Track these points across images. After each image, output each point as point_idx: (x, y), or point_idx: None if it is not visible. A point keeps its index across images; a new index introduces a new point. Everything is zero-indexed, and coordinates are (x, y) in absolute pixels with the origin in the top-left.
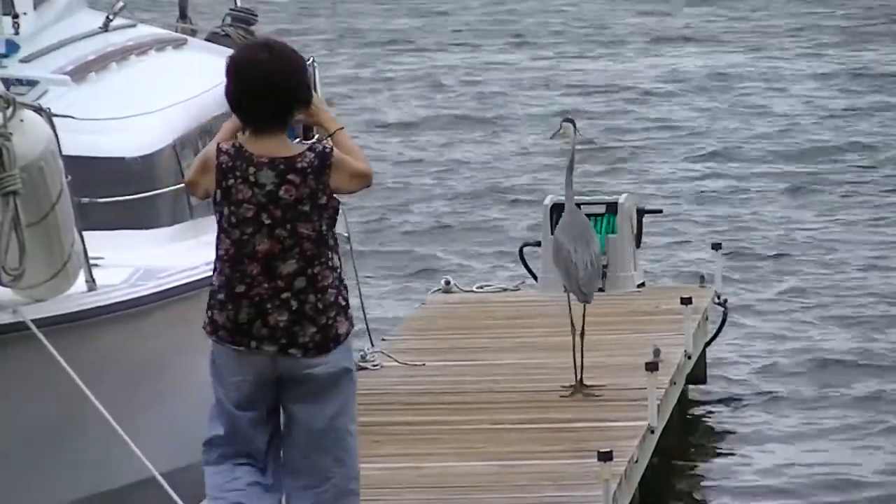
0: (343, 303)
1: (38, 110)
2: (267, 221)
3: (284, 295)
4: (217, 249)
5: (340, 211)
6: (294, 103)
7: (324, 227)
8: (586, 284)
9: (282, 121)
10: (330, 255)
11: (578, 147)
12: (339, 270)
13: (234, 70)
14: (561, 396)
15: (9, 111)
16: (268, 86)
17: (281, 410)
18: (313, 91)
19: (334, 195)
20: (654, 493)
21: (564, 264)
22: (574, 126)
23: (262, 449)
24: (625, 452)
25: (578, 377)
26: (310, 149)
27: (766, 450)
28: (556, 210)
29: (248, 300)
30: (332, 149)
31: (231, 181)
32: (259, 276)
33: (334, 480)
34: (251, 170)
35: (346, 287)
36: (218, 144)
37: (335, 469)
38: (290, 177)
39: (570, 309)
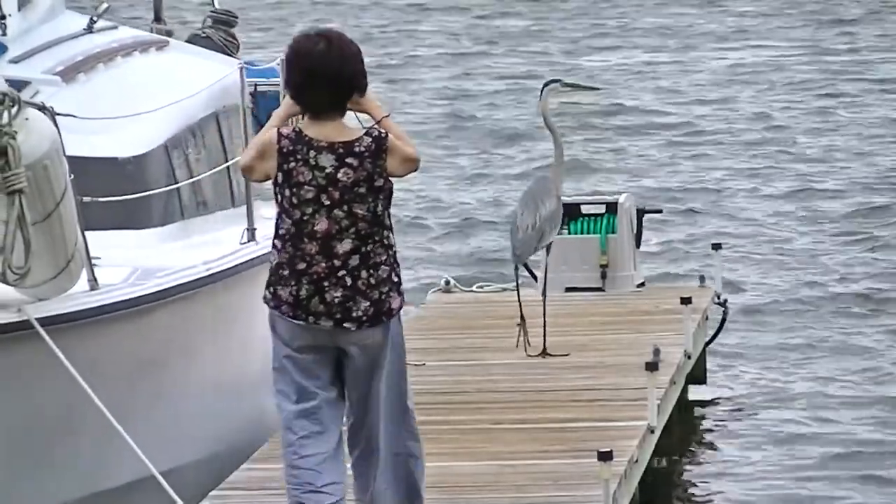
0: (396, 279)
1: (42, 109)
2: (326, 202)
3: (340, 273)
4: (278, 229)
5: None
6: (351, 90)
7: (379, 208)
8: (520, 247)
9: (339, 106)
10: (385, 234)
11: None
12: (393, 249)
13: (295, 59)
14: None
15: (14, 109)
16: (327, 73)
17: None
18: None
19: (389, 178)
20: (654, 493)
21: (510, 225)
22: (562, 84)
23: (329, 415)
24: (625, 452)
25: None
26: (367, 133)
27: (765, 450)
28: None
29: (308, 277)
30: (387, 133)
31: (292, 164)
32: (317, 254)
33: (381, 447)
34: (312, 153)
35: (398, 264)
36: (278, 129)
37: (382, 436)
38: (348, 160)
39: (516, 278)
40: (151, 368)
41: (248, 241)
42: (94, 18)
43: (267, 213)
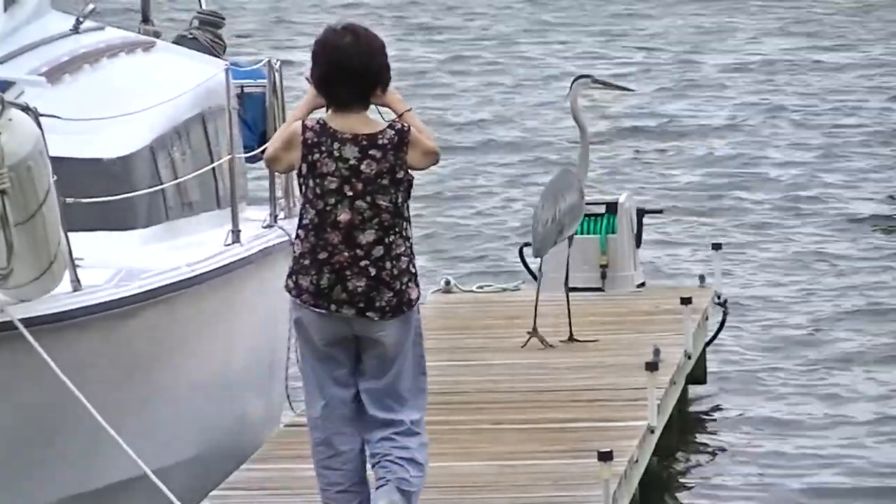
0: (413, 270)
1: (26, 109)
2: (349, 193)
3: (363, 263)
4: (301, 219)
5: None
6: (376, 83)
7: (399, 200)
8: (540, 240)
9: (364, 99)
10: (404, 226)
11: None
12: (410, 240)
13: (321, 52)
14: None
15: None
16: (354, 67)
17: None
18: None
19: (409, 170)
20: (654, 493)
21: (532, 219)
22: (593, 80)
23: (351, 413)
24: (625, 452)
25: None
26: (389, 126)
27: (766, 450)
28: None
29: (330, 266)
30: (409, 127)
31: (316, 155)
32: (340, 244)
33: (389, 433)
34: (336, 145)
35: (415, 256)
36: (303, 121)
37: (392, 421)
38: (371, 152)
39: (538, 271)
40: (135, 369)
41: (233, 243)
42: (80, 19)
43: (252, 215)
